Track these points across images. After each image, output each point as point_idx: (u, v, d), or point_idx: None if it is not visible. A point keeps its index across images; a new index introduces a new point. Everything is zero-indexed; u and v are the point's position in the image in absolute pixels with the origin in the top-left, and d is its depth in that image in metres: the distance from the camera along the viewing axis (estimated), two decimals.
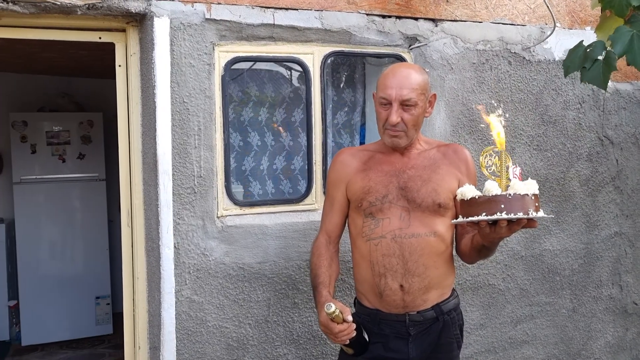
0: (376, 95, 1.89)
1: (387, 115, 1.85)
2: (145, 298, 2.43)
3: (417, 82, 1.84)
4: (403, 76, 1.84)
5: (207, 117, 2.34)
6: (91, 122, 4.52)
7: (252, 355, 2.46)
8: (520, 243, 2.96)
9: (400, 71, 1.86)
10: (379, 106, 1.87)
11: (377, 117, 1.90)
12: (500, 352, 2.97)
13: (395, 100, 1.82)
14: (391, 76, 1.85)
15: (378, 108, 1.88)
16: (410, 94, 1.82)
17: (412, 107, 1.83)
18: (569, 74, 2.10)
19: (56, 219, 4.45)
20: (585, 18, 3.06)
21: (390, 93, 1.82)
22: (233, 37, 2.38)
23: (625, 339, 3.31)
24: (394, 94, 1.82)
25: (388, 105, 1.84)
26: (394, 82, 1.83)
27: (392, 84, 1.83)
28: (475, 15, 2.79)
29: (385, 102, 1.84)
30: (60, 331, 4.44)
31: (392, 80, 1.84)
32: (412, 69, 1.89)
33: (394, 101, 1.82)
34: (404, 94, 1.82)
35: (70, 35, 2.30)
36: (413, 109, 1.84)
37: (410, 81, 1.83)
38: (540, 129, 2.96)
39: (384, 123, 1.86)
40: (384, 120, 1.86)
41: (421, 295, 1.87)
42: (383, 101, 1.85)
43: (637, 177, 3.24)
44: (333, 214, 2.01)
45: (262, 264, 2.45)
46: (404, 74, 1.85)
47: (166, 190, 2.27)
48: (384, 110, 1.85)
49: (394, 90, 1.82)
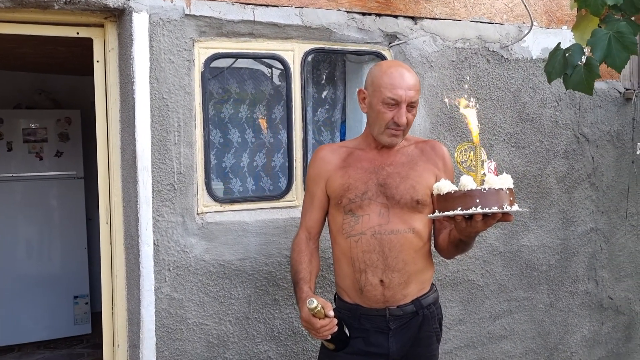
0: (378, 95, 1.85)
1: (393, 116, 1.84)
2: (125, 296, 2.40)
3: (419, 83, 1.89)
4: (409, 76, 1.86)
5: (186, 114, 2.33)
6: (69, 119, 4.47)
7: (232, 353, 2.46)
8: (499, 239, 3.00)
9: (404, 72, 1.87)
10: (383, 106, 1.84)
11: (376, 115, 1.88)
12: (479, 347, 3.01)
13: (404, 101, 1.83)
14: (398, 77, 1.84)
15: (380, 108, 1.85)
16: (417, 95, 1.86)
17: (414, 108, 1.88)
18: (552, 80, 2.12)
19: (33, 218, 4.38)
20: (562, 17, 3.11)
21: (400, 94, 1.82)
22: (213, 33, 2.37)
23: (600, 333, 3.37)
24: (404, 95, 1.82)
25: (395, 106, 1.84)
26: (403, 83, 1.83)
27: (401, 84, 1.83)
28: (454, 14, 2.82)
29: (393, 102, 1.83)
30: (38, 331, 4.38)
31: (400, 81, 1.84)
32: (410, 69, 1.91)
33: (403, 102, 1.83)
34: (412, 95, 1.84)
35: (47, 30, 2.27)
36: (415, 109, 1.88)
37: (415, 82, 1.86)
38: (518, 127, 3.00)
39: (387, 122, 1.86)
40: (388, 119, 1.85)
41: (401, 290, 1.89)
42: (391, 101, 1.83)
43: (612, 174, 3.30)
44: (313, 210, 2.02)
45: (242, 260, 2.44)
46: (409, 75, 1.86)
47: (145, 187, 2.25)
48: (390, 110, 1.84)
49: (404, 91, 1.83)
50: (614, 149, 3.29)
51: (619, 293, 3.40)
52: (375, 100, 1.87)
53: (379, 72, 1.89)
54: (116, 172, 2.38)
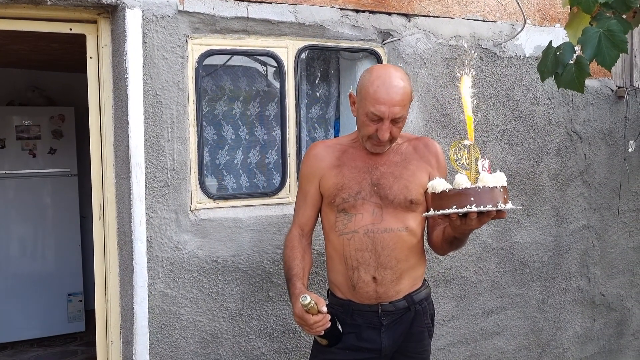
0: (363, 106, 1.81)
1: (375, 130, 1.80)
2: (118, 292, 2.40)
3: (406, 95, 1.81)
4: (394, 91, 1.77)
5: (180, 110, 2.33)
6: (62, 116, 4.45)
7: (226, 349, 2.46)
8: (492, 236, 3.01)
9: (391, 83, 1.78)
10: (366, 118, 1.81)
11: (361, 124, 1.85)
12: (472, 343, 3.02)
13: (387, 118, 1.78)
14: (383, 90, 1.77)
15: (365, 119, 1.82)
16: (402, 111, 1.79)
17: (400, 121, 1.82)
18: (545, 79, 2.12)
19: (27, 215, 4.37)
20: (554, 15, 3.12)
21: (383, 111, 1.77)
22: (206, 29, 2.37)
23: (592, 330, 3.39)
24: (387, 112, 1.77)
25: (379, 121, 1.80)
26: (387, 98, 1.77)
27: (385, 99, 1.77)
28: (448, 11, 2.83)
29: (375, 117, 1.79)
30: (31, 329, 4.36)
31: (384, 95, 1.77)
32: (400, 78, 1.82)
33: (386, 119, 1.78)
34: (396, 112, 1.78)
35: (40, 26, 2.26)
36: (401, 122, 1.83)
37: (401, 97, 1.78)
38: (511, 124, 3.01)
39: (369, 134, 1.83)
40: (371, 132, 1.82)
41: (393, 286, 1.90)
42: (373, 117, 1.79)
43: (604, 171, 3.32)
44: (306, 207, 2.02)
45: (236, 257, 2.44)
46: (395, 87, 1.78)
47: (139, 184, 2.25)
48: (373, 123, 1.80)
49: (387, 108, 1.77)
50: (606, 147, 3.31)
51: (611, 290, 3.42)
52: (360, 110, 1.84)
53: (367, 80, 1.82)
54: (110, 169, 2.38)
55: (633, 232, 3.47)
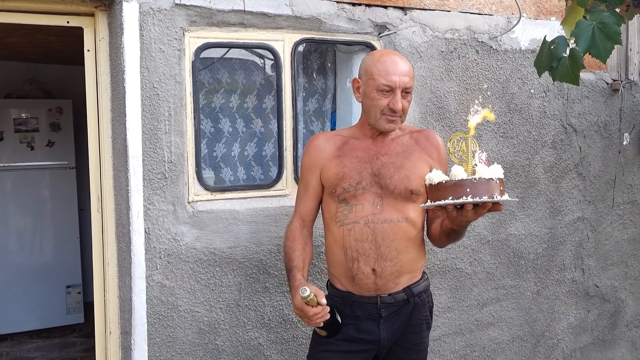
0: (372, 84, 1.87)
1: (388, 102, 1.86)
2: (116, 283, 2.43)
3: (412, 70, 1.91)
4: (402, 62, 1.88)
5: (177, 103, 2.34)
6: (60, 109, 4.46)
7: (223, 339, 2.49)
8: (487, 228, 3.04)
9: (398, 59, 1.89)
10: (377, 92, 1.86)
11: (371, 103, 1.89)
12: (468, 334, 3.05)
13: (399, 87, 1.85)
14: (391, 64, 1.87)
15: (375, 95, 1.87)
16: (411, 81, 1.88)
17: (409, 94, 1.89)
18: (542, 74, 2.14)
19: (25, 208, 4.38)
20: (550, 9, 3.13)
21: (395, 80, 1.84)
22: (203, 22, 2.38)
23: (586, 321, 3.43)
24: (398, 81, 1.84)
25: (390, 92, 1.86)
26: (397, 70, 1.85)
27: (395, 71, 1.85)
28: (444, 4, 2.84)
29: (388, 88, 1.85)
30: (30, 321, 4.40)
31: (393, 67, 1.86)
32: (402, 57, 1.93)
33: (397, 88, 1.85)
34: (406, 81, 1.86)
35: (37, 19, 2.27)
36: (410, 95, 1.90)
37: (409, 69, 1.89)
38: (507, 117, 3.03)
39: (382, 109, 1.87)
40: (383, 106, 1.87)
41: (393, 279, 1.92)
42: (385, 88, 1.85)
43: (599, 164, 3.34)
44: (307, 198, 2.03)
45: (233, 248, 2.47)
46: (402, 62, 1.88)
47: (136, 176, 2.26)
48: (384, 97, 1.86)
49: (398, 77, 1.85)
50: (601, 140, 3.33)
51: (605, 281, 3.45)
52: (369, 89, 1.89)
53: (372, 60, 1.91)
54: (107, 161, 2.39)
55: (627, 224, 3.49)
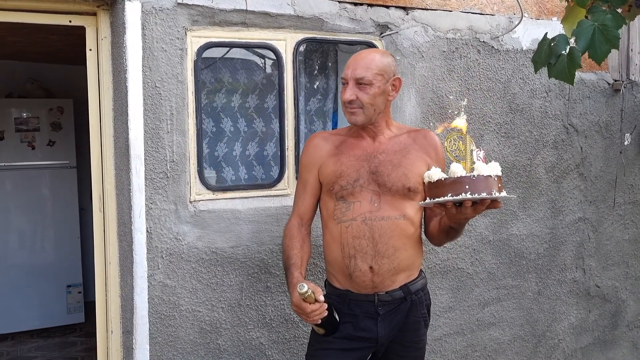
0: None
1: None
2: (118, 283, 2.43)
3: (374, 63, 1.90)
4: (361, 57, 1.92)
5: (179, 102, 2.34)
6: (61, 108, 4.46)
7: (225, 339, 2.49)
8: (488, 228, 3.04)
9: (361, 54, 1.95)
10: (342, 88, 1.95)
11: None
12: (469, 334, 3.06)
13: (350, 78, 1.90)
14: (352, 59, 1.93)
15: None
16: (364, 72, 1.88)
17: (367, 86, 1.89)
18: (538, 70, 2.15)
19: (26, 207, 4.39)
20: (552, 9, 3.13)
21: (347, 72, 1.91)
22: (205, 22, 2.39)
23: (587, 321, 3.43)
24: (350, 73, 1.90)
25: (346, 85, 1.92)
26: (352, 63, 1.91)
27: (350, 64, 1.91)
28: (446, 4, 2.84)
29: (344, 82, 1.92)
30: (31, 320, 4.40)
31: (352, 61, 1.92)
32: (375, 52, 1.97)
33: (349, 79, 1.90)
34: (357, 72, 1.88)
35: (39, 18, 2.27)
36: (368, 87, 1.89)
37: (366, 62, 1.90)
38: (508, 117, 3.03)
39: (343, 102, 1.93)
40: (342, 99, 1.93)
41: (390, 276, 1.92)
42: (343, 81, 1.93)
43: (600, 164, 3.34)
44: (305, 196, 2.04)
45: (234, 248, 2.47)
46: (363, 56, 1.93)
47: (138, 175, 2.27)
48: (343, 90, 1.93)
49: (351, 70, 1.90)
50: (602, 140, 3.34)
51: (606, 281, 3.46)
52: None
53: None
54: (109, 161, 2.39)
55: (628, 224, 3.50)
